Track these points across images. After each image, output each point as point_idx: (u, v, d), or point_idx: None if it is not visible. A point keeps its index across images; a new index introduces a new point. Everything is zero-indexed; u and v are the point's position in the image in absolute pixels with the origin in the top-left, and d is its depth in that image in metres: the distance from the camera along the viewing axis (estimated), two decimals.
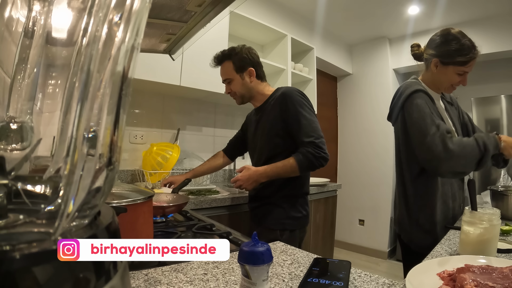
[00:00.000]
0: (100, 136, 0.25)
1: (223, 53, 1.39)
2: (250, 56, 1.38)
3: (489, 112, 2.84)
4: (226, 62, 1.38)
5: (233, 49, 1.38)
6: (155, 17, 0.76)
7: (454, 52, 1.06)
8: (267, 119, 1.33)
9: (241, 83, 1.38)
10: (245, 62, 1.37)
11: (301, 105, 1.25)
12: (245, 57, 1.37)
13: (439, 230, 1.08)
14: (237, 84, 1.38)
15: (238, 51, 1.37)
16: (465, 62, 1.06)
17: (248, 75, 1.38)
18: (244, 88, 1.39)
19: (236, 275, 0.60)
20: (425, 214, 1.11)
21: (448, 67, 1.08)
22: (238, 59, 1.36)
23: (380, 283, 0.58)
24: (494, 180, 2.53)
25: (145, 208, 0.63)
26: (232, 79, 1.38)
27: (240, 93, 1.39)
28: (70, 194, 0.24)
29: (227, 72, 1.38)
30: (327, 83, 3.70)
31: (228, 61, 1.37)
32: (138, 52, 0.28)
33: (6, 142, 0.27)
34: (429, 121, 1.01)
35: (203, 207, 1.52)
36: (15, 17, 0.29)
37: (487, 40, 2.82)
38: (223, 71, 1.41)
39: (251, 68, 1.37)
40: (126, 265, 0.31)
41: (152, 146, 1.83)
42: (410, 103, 1.07)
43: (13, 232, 0.25)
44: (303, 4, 2.81)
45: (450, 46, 1.06)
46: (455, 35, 1.07)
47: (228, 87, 1.41)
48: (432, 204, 1.10)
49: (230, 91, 1.41)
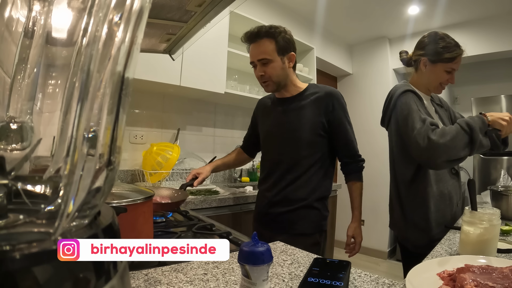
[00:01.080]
0: (100, 136, 0.25)
1: (264, 29, 1.20)
2: (293, 40, 1.24)
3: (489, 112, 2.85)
4: (267, 40, 1.19)
5: (276, 27, 1.20)
6: (155, 17, 0.76)
7: (441, 50, 1.11)
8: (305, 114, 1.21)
9: (281, 67, 1.21)
10: (289, 45, 1.22)
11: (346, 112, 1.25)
12: (290, 39, 1.22)
13: (435, 229, 1.08)
14: (276, 67, 1.20)
15: (281, 30, 1.20)
16: (452, 58, 1.11)
17: (289, 59, 1.23)
18: (283, 72, 1.22)
19: (236, 275, 0.60)
20: (419, 214, 1.12)
21: (437, 65, 1.14)
22: (282, 39, 1.19)
23: (380, 283, 0.58)
24: (494, 180, 2.53)
25: (145, 208, 0.63)
26: (272, 61, 1.19)
27: (277, 77, 1.22)
28: (70, 194, 0.24)
29: (267, 51, 1.19)
30: (327, 83, 3.70)
31: (270, 39, 1.19)
32: (138, 52, 0.28)
33: (6, 142, 0.27)
34: (415, 117, 1.04)
35: (203, 207, 1.52)
36: (15, 17, 0.29)
37: (487, 40, 2.83)
38: (261, 49, 1.20)
39: (293, 53, 1.23)
40: (126, 265, 0.31)
41: (152, 146, 1.83)
42: (400, 102, 1.12)
43: (13, 232, 0.25)
44: (303, 4, 2.81)
45: (437, 45, 1.12)
46: (441, 35, 1.14)
47: (261, 69, 1.21)
48: (425, 203, 1.10)
49: (263, 73, 1.21)
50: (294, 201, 1.20)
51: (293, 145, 1.21)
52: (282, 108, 1.28)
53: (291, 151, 1.21)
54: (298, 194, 1.20)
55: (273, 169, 1.26)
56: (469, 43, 3.29)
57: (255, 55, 1.21)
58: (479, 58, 2.97)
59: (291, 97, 1.26)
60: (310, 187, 1.20)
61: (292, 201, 1.20)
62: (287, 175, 1.22)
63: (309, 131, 1.19)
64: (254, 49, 1.21)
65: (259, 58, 1.20)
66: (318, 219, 1.21)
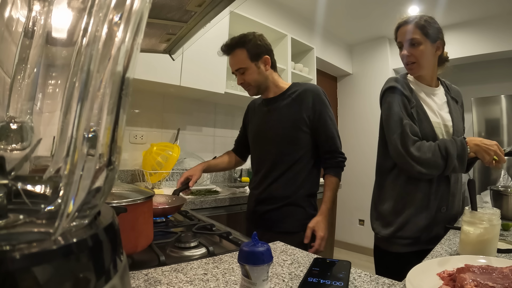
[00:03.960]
0: (100, 136, 0.25)
1: (234, 40, 1.27)
2: (264, 43, 1.28)
3: (489, 112, 2.84)
4: (239, 50, 1.25)
5: (245, 36, 1.26)
6: (155, 17, 0.76)
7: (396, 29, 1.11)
8: (286, 112, 1.25)
9: (257, 72, 1.27)
10: (260, 49, 1.26)
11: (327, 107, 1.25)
12: (260, 44, 1.26)
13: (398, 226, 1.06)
14: (252, 74, 1.26)
15: (251, 37, 1.25)
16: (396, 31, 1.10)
17: (263, 63, 1.27)
18: (260, 77, 1.27)
19: (236, 275, 0.60)
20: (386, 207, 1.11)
21: None
22: (252, 46, 1.24)
23: (380, 283, 0.58)
24: (494, 180, 2.53)
25: (145, 208, 0.64)
26: (247, 68, 1.25)
27: (256, 83, 1.27)
28: (70, 194, 0.24)
29: (241, 61, 1.25)
30: (327, 83, 3.70)
31: (240, 49, 1.25)
32: (138, 52, 0.28)
33: (6, 142, 0.27)
34: (396, 120, 1.04)
35: (203, 207, 1.52)
36: (15, 17, 0.29)
37: (487, 40, 2.83)
38: (235, 60, 1.27)
39: (267, 56, 1.27)
40: (126, 265, 0.31)
41: (152, 146, 1.83)
42: (384, 100, 1.11)
43: (13, 232, 0.25)
44: (303, 4, 2.81)
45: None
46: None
47: (241, 77, 1.28)
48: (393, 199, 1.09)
49: (243, 81, 1.28)
50: (279, 198, 1.23)
51: (275, 142, 1.26)
52: (266, 108, 1.33)
53: (273, 148, 1.26)
54: (282, 191, 1.22)
55: (259, 167, 1.32)
56: (469, 43, 3.29)
57: (232, 66, 1.29)
58: (479, 58, 2.98)
59: (274, 97, 1.31)
60: (295, 184, 1.22)
61: (276, 198, 1.23)
62: (271, 173, 1.25)
63: (289, 128, 1.23)
64: (230, 60, 1.29)
65: (235, 68, 1.28)
66: (303, 217, 1.22)
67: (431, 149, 0.98)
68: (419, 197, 1.06)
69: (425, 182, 1.05)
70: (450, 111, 1.11)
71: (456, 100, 1.17)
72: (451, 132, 1.08)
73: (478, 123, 2.87)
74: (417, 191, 1.06)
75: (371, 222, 1.19)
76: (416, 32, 1.04)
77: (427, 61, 1.06)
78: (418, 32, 1.04)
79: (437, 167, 0.98)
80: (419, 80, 1.13)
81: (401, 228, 1.07)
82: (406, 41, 1.06)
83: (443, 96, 1.14)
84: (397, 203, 1.08)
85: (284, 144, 1.24)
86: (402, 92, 1.07)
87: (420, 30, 1.04)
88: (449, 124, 1.08)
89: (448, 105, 1.12)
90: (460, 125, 1.11)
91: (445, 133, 1.07)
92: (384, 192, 1.13)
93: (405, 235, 1.06)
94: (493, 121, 2.82)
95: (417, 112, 1.06)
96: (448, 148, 0.97)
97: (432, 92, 1.13)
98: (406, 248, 1.06)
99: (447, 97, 1.14)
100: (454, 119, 1.09)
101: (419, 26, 1.04)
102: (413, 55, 1.05)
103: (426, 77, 1.12)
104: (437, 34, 1.06)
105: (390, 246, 1.09)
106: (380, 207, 1.13)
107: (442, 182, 1.06)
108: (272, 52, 1.31)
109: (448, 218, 1.08)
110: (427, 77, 1.12)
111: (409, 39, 1.04)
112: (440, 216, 1.06)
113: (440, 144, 0.99)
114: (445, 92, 1.15)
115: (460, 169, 0.98)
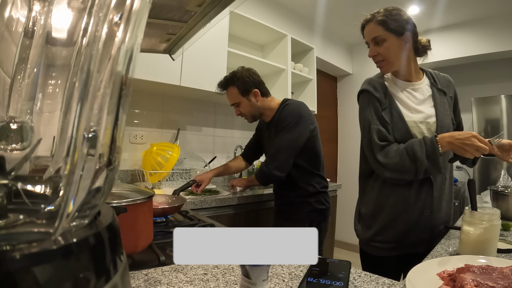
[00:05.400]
0: (100, 136, 0.25)
1: (226, 79, 1.49)
2: (252, 78, 1.46)
3: (489, 112, 2.84)
4: (231, 88, 1.48)
5: (234, 74, 1.46)
6: (155, 17, 0.76)
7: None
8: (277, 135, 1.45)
9: (249, 105, 1.48)
10: (248, 85, 1.45)
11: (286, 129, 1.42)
12: (248, 80, 1.45)
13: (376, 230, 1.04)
14: (245, 107, 1.49)
15: (239, 75, 1.45)
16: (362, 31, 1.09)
17: (254, 96, 1.47)
18: (252, 108, 1.49)
19: (236, 275, 0.60)
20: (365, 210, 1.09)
21: None
22: (241, 84, 1.44)
23: (380, 283, 0.58)
24: (494, 180, 2.53)
25: (145, 208, 0.64)
26: (240, 103, 1.49)
27: (250, 113, 1.51)
28: (70, 194, 0.24)
29: (234, 97, 1.49)
30: (327, 83, 3.70)
31: (232, 87, 1.47)
32: (138, 52, 0.28)
33: (6, 142, 0.27)
34: (365, 126, 1.03)
35: (203, 207, 1.52)
36: (15, 17, 0.29)
37: (487, 40, 2.83)
38: (229, 96, 1.51)
39: (255, 89, 1.46)
40: (126, 265, 0.31)
41: (152, 146, 1.83)
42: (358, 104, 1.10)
43: (13, 232, 0.25)
44: (303, 4, 2.81)
45: None
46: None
47: (237, 110, 1.53)
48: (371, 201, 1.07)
49: (239, 113, 1.53)
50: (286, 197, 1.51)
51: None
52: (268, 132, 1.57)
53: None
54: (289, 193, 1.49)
55: None
56: (469, 43, 3.29)
57: (229, 100, 1.55)
58: (479, 58, 2.97)
59: (270, 121, 1.53)
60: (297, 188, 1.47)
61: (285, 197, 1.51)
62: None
63: None
64: (227, 96, 1.54)
65: (231, 103, 1.54)
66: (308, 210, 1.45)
67: (399, 153, 0.93)
68: (396, 201, 1.01)
69: (403, 185, 1.00)
70: (435, 105, 1.03)
71: (444, 92, 1.07)
72: (433, 129, 1.00)
73: (478, 123, 2.87)
74: (394, 195, 1.01)
75: (354, 224, 1.17)
76: (377, 29, 1.00)
77: (395, 56, 1.01)
78: (380, 29, 1.00)
79: (407, 171, 0.93)
80: (397, 76, 1.07)
81: (380, 232, 1.04)
82: (371, 40, 1.03)
83: (426, 90, 1.05)
84: (375, 206, 1.05)
85: None
86: (374, 95, 1.02)
87: (382, 26, 0.99)
88: (431, 120, 1.01)
89: (433, 98, 1.04)
90: (446, 120, 1.02)
91: (426, 130, 1.00)
92: (365, 195, 1.11)
93: (385, 239, 1.03)
94: (493, 121, 2.82)
95: (391, 113, 1.00)
96: (415, 151, 0.90)
97: (412, 87, 1.05)
98: (386, 252, 1.03)
99: (432, 90, 1.05)
100: (439, 114, 1.01)
101: (380, 22, 1.00)
102: (379, 53, 1.02)
103: (402, 72, 1.05)
104: (402, 26, 0.99)
105: (371, 250, 1.06)
106: (362, 210, 1.12)
107: (424, 184, 1.00)
108: (262, 83, 1.50)
109: (435, 222, 1.01)
110: (404, 72, 1.05)
111: (373, 38, 1.02)
112: (423, 219, 1.00)
113: (407, 147, 0.93)
114: (430, 85, 1.06)
115: (434, 171, 0.91)
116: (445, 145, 0.88)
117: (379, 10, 1.02)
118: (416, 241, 1.00)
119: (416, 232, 1.00)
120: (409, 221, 1.00)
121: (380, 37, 1.00)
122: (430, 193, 1.00)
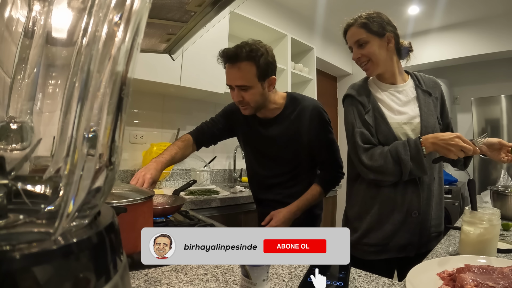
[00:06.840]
0: (100, 136, 0.25)
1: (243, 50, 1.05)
2: (274, 61, 1.13)
3: (489, 112, 2.84)
4: (247, 64, 1.06)
5: (257, 49, 1.07)
6: (155, 17, 0.76)
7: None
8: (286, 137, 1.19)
9: (261, 93, 1.11)
10: (270, 68, 1.10)
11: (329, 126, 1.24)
12: (271, 62, 1.10)
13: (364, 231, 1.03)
14: (256, 94, 1.10)
15: (263, 52, 1.07)
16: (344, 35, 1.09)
17: (268, 84, 1.12)
18: (262, 98, 1.13)
19: (236, 275, 0.60)
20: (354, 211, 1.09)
21: None
22: (263, 63, 1.07)
23: (380, 283, 0.58)
24: (494, 180, 2.53)
25: (145, 208, 0.64)
26: (251, 87, 1.08)
27: (256, 104, 1.12)
28: (70, 194, 0.24)
29: (247, 77, 1.07)
30: (327, 83, 3.70)
31: (250, 63, 1.06)
32: (138, 52, 0.28)
33: (6, 142, 0.27)
34: (349, 129, 1.04)
35: (203, 207, 1.52)
36: (15, 17, 0.29)
37: (487, 40, 2.83)
38: (240, 74, 1.07)
39: (274, 76, 1.13)
40: (126, 265, 0.31)
41: (152, 146, 1.83)
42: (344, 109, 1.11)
43: (13, 232, 0.25)
44: (303, 4, 2.81)
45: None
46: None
47: (239, 94, 1.10)
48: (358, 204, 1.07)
49: (241, 99, 1.10)
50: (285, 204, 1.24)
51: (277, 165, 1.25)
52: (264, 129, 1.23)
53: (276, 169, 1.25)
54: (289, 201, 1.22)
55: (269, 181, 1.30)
56: (469, 43, 3.28)
57: (233, 79, 1.09)
58: (479, 58, 2.98)
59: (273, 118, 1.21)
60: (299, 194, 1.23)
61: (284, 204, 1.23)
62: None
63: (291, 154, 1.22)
64: (232, 72, 1.08)
65: (237, 84, 1.08)
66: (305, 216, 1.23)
67: (383, 156, 0.93)
68: (382, 202, 1.00)
69: (388, 187, 0.99)
70: (419, 106, 1.03)
71: (429, 93, 1.07)
72: (418, 129, 1.00)
73: (478, 123, 2.87)
74: (379, 196, 1.01)
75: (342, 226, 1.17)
76: (360, 32, 1.02)
77: (380, 57, 1.02)
78: (363, 31, 1.02)
79: (391, 173, 0.93)
80: (380, 79, 1.08)
81: (365, 234, 1.03)
82: (354, 43, 1.04)
83: (411, 91, 1.06)
84: (362, 208, 1.05)
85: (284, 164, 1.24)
86: (356, 98, 1.04)
87: (364, 29, 1.01)
88: (415, 121, 1.01)
89: (417, 99, 1.04)
90: (431, 120, 1.02)
91: (411, 131, 1.00)
92: (352, 197, 1.11)
93: (371, 242, 1.01)
94: (493, 121, 2.82)
95: (374, 116, 1.01)
96: (399, 153, 0.91)
97: (396, 89, 1.06)
98: (373, 256, 1.01)
99: (417, 91, 1.06)
100: (423, 114, 1.01)
101: (362, 25, 1.02)
102: (363, 55, 1.03)
103: (386, 75, 1.06)
104: (383, 27, 1.02)
105: (359, 253, 1.04)
106: (348, 213, 1.12)
107: (409, 185, 0.98)
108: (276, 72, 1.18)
109: (425, 224, 1.00)
110: (388, 74, 1.06)
111: (355, 40, 1.03)
112: (411, 221, 0.98)
113: (391, 149, 0.93)
114: (414, 86, 1.07)
115: (419, 172, 0.91)
116: (429, 146, 0.89)
117: (360, 14, 1.05)
118: (405, 244, 0.99)
119: (405, 235, 0.99)
120: (395, 222, 0.99)
121: (363, 39, 1.02)
122: (417, 193, 0.99)
